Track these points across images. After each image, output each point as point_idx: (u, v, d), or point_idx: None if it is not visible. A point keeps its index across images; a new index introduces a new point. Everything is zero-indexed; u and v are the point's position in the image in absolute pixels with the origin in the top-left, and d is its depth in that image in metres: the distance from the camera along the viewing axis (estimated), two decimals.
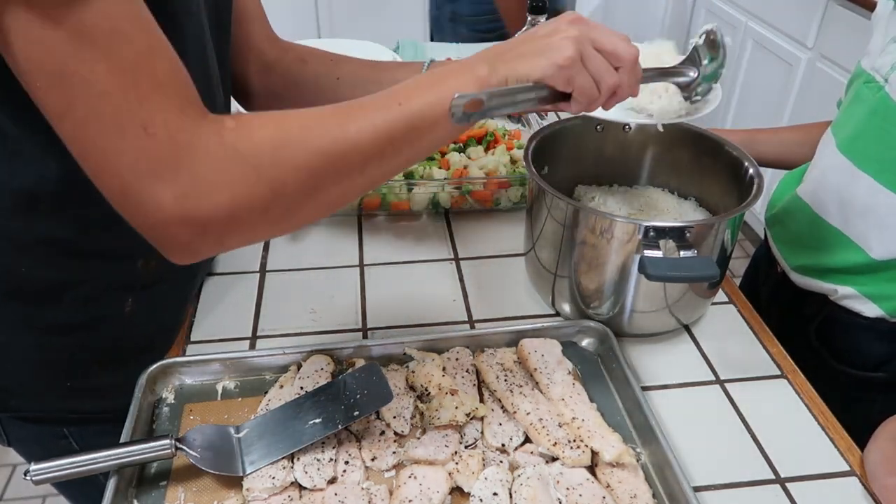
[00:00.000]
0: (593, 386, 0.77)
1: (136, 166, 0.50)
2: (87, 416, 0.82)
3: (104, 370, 0.80)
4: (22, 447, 0.88)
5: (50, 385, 0.80)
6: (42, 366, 0.78)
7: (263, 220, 0.55)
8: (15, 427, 0.85)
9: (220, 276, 0.96)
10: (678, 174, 0.97)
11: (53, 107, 0.50)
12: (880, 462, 0.68)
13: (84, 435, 0.84)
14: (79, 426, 0.83)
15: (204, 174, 0.51)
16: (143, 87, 0.49)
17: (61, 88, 0.49)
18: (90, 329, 0.77)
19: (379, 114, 0.56)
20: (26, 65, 0.49)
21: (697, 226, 0.76)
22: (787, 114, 2.48)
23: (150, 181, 0.50)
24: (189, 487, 0.66)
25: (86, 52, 0.48)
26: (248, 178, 0.52)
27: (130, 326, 0.80)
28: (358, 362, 0.78)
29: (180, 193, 0.51)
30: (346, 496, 0.64)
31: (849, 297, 0.90)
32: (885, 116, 0.81)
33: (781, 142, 1.08)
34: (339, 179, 0.56)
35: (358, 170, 0.57)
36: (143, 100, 0.50)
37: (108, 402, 0.78)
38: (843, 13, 2.17)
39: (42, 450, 0.86)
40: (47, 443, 0.85)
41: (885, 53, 0.84)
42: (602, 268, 0.79)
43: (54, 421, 0.83)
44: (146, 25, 0.51)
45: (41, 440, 0.85)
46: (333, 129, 0.55)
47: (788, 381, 0.81)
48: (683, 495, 0.63)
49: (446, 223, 1.08)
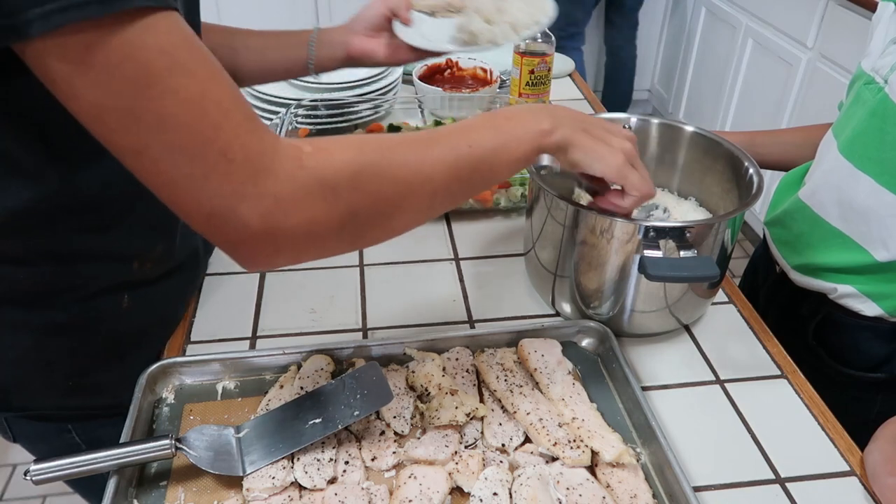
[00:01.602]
0: (593, 386, 0.77)
1: (221, 191, 0.52)
2: (89, 411, 0.83)
3: (104, 366, 0.81)
4: (27, 443, 0.89)
5: (51, 384, 0.81)
6: (42, 365, 0.79)
7: (337, 239, 0.59)
8: (19, 425, 0.86)
9: (220, 275, 0.96)
10: (678, 174, 0.97)
11: (128, 146, 0.51)
12: (881, 462, 0.68)
13: (88, 430, 0.85)
14: (82, 422, 0.84)
15: (286, 195, 0.54)
16: (213, 115, 0.51)
17: (134, 128, 0.50)
18: (88, 327, 0.78)
19: (451, 153, 0.61)
20: (93, 109, 0.50)
21: (697, 226, 0.76)
22: (787, 114, 2.48)
23: (236, 203, 0.52)
24: (189, 487, 0.66)
25: (152, 91, 0.49)
26: (328, 200, 0.55)
27: (128, 322, 0.80)
28: (358, 362, 0.78)
29: (265, 212, 0.53)
30: (346, 496, 0.64)
31: (848, 295, 0.90)
32: (885, 117, 0.81)
33: (781, 143, 1.08)
34: (410, 207, 0.61)
35: (427, 201, 0.62)
36: (217, 128, 0.51)
37: (109, 398, 0.80)
38: (843, 13, 2.18)
39: (47, 446, 0.87)
40: (52, 439, 0.86)
41: (885, 55, 0.84)
42: (602, 268, 0.79)
43: (58, 418, 0.84)
44: (201, 54, 0.52)
45: (46, 437, 0.86)
46: (411, 160, 0.60)
47: (788, 381, 0.81)
48: (683, 495, 0.63)
49: (446, 223, 1.08)
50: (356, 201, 0.57)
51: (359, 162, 0.57)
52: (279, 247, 0.56)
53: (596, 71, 3.61)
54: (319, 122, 1.25)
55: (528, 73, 1.31)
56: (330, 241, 0.58)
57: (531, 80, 1.32)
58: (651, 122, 0.95)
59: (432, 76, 1.44)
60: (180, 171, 0.51)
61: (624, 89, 3.42)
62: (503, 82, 1.44)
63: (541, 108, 0.70)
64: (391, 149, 0.60)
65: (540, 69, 1.31)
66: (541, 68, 1.31)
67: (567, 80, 1.61)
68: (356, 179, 0.57)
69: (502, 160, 0.64)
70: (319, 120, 1.25)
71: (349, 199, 0.56)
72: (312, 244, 0.58)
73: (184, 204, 0.53)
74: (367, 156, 0.58)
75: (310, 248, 0.58)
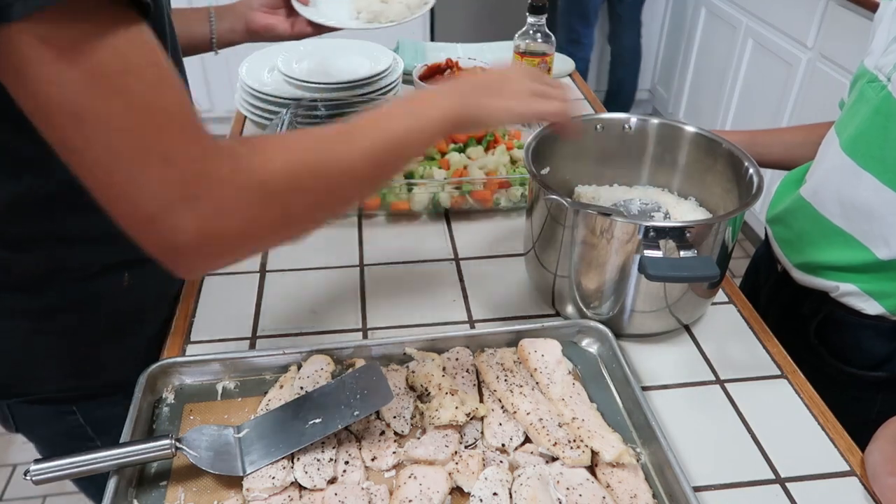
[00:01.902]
0: (593, 386, 0.77)
1: (160, 196, 0.52)
2: (92, 391, 0.85)
3: (107, 343, 0.83)
4: (28, 430, 0.90)
5: (55, 364, 0.82)
6: (45, 346, 0.80)
7: (273, 236, 0.61)
8: (22, 410, 0.87)
9: (220, 276, 0.96)
10: (678, 174, 0.97)
11: (70, 143, 0.51)
12: (881, 462, 0.68)
13: (91, 409, 0.86)
14: (86, 401, 0.86)
15: (223, 199, 0.54)
16: (158, 120, 0.52)
17: (78, 126, 0.50)
18: (89, 307, 0.79)
19: (373, 144, 0.64)
20: (42, 104, 0.50)
21: (697, 226, 0.76)
22: (788, 114, 2.48)
23: (173, 209, 0.52)
24: (189, 487, 0.66)
25: (101, 90, 0.49)
26: (263, 202, 0.56)
27: (129, 299, 0.82)
28: (358, 362, 0.78)
29: (202, 218, 0.53)
30: (346, 496, 0.64)
31: (850, 294, 0.90)
32: (888, 115, 0.81)
33: (782, 143, 1.08)
34: (339, 199, 0.65)
35: (355, 191, 0.67)
36: (161, 132, 0.52)
37: (112, 375, 0.82)
38: (843, 13, 2.17)
39: (48, 430, 0.89)
40: (54, 422, 0.87)
41: (888, 53, 0.84)
42: (602, 268, 0.79)
43: (60, 400, 0.85)
44: (154, 57, 0.52)
45: (48, 420, 0.87)
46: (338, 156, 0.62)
47: (788, 381, 0.81)
48: (683, 495, 0.63)
49: (446, 223, 1.08)
50: (290, 200, 0.59)
51: (292, 162, 0.59)
52: (215, 251, 0.56)
53: (598, 71, 3.61)
54: (319, 122, 1.25)
55: None
56: (265, 240, 0.61)
57: None
58: (651, 122, 0.95)
59: (432, 76, 1.44)
60: (121, 173, 0.51)
61: (627, 89, 3.42)
62: None
63: (446, 87, 0.74)
64: (319, 147, 0.62)
65: (540, 69, 1.31)
66: (541, 68, 1.31)
67: (567, 80, 1.61)
68: (290, 180, 0.58)
69: (416, 141, 0.68)
70: (319, 120, 1.25)
71: (284, 198, 0.58)
72: (248, 245, 0.59)
73: (121, 206, 0.53)
74: (299, 155, 0.60)
75: (245, 249, 0.59)
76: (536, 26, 1.29)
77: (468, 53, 1.61)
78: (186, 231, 0.53)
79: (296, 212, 0.60)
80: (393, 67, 1.37)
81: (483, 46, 1.69)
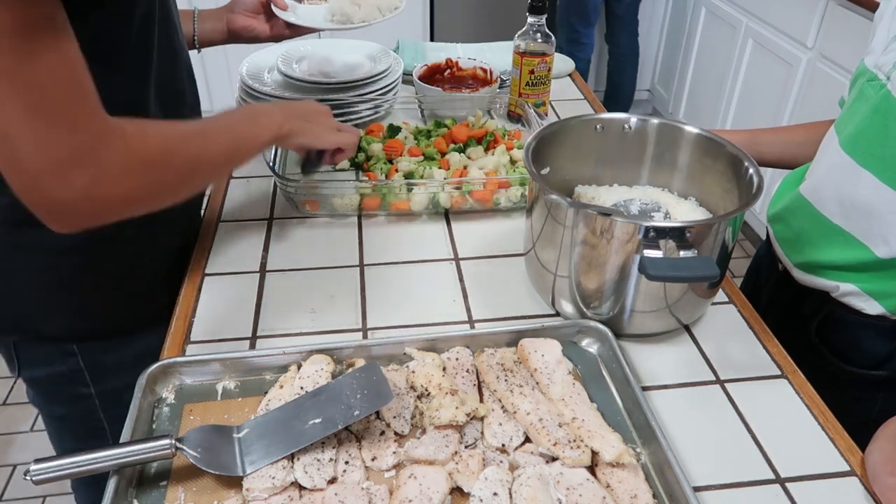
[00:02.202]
0: (593, 386, 0.77)
1: (60, 154, 0.62)
2: (94, 332, 0.94)
3: (109, 288, 0.93)
4: (30, 373, 0.98)
5: (61, 304, 0.91)
6: (54, 286, 0.90)
7: (146, 202, 0.72)
8: (25, 350, 0.96)
9: (220, 276, 0.96)
10: (678, 174, 0.97)
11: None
12: (881, 462, 0.68)
13: (91, 352, 0.95)
14: (86, 342, 0.94)
15: (111, 166, 0.65)
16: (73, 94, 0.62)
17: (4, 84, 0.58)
18: (94, 250, 0.88)
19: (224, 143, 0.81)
20: None
21: (697, 226, 0.76)
22: (788, 114, 2.48)
23: (69, 168, 0.62)
24: (189, 487, 0.66)
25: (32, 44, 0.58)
26: (143, 172, 0.69)
27: (132, 248, 0.92)
28: (358, 362, 0.78)
29: (92, 181, 0.64)
30: (346, 496, 0.64)
31: (850, 294, 0.90)
32: (887, 114, 0.81)
33: (782, 142, 1.08)
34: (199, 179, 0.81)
35: (211, 174, 0.85)
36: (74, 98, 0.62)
37: (113, 318, 0.95)
38: (843, 13, 2.18)
39: (49, 372, 0.96)
40: (56, 363, 0.95)
41: (887, 51, 0.84)
42: (602, 268, 0.79)
43: (65, 338, 0.94)
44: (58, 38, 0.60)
45: (50, 360, 0.95)
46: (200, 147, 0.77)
47: (788, 381, 0.81)
48: (683, 495, 0.63)
49: (446, 223, 1.08)
50: (164, 175, 0.72)
51: (167, 145, 0.72)
52: (97, 210, 0.67)
53: (596, 71, 3.61)
54: None
55: (528, 73, 1.31)
56: (140, 204, 0.71)
57: (531, 80, 1.32)
58: (651, 122, 0.95)
59: (432, 76, 1.44)
60: (30, 126, 0.60)
61: (626, 89, 3.42)
62: (503, 82, 1.44)
63: (277, 107, 0.95)
64: (187, 137, 0.76)
65: (540, 69, 1.31)
66: (541, 68, 1.31)
67: (567, 80, 1.61)
68: (165, 159, 0.72)
69: (253, 146, 0.86)
70: None
71: (159, 173, 0.71)
72: (126, 207, 0.70)
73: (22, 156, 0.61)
74: (172, 141, 0.73)
75: (122, 213, 0.70)
76: (536, 26, 1.29)
77: (468, 53, 1.61)
78: (75, 189, 0.63)
79: (167, 184, 0.73)
80: (393, 67, 1.37)
81: (483, 46, 1.69)
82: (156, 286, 0.98)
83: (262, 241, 1.03)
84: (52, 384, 0.99)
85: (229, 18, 1.17)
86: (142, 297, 0.97)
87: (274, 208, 1.11)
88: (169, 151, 0.72)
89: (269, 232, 1.05)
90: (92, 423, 1.01)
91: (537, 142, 0.88)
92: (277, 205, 1.12)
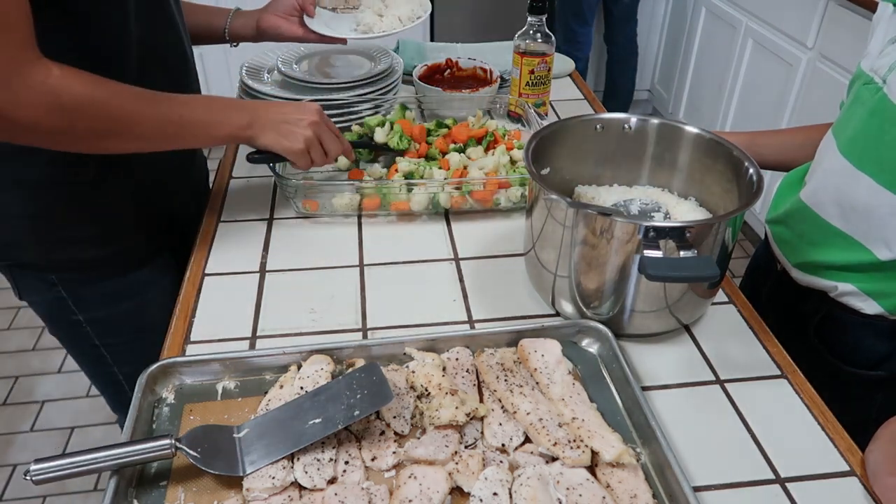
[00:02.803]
0: (593, 386, 0.77)
1: None
2: (70, 265, 1.01)
3: (77, 224, 0.98)
4: (29, 298, 1.06)
5: (39, 236, 0.98)
6: (32, 219, 0.96)
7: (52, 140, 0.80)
8: (20, 276, 1.04)
9: (220, 276, 0.96)
10: (678, 174, 0.97)
11: None
12: (881, 462, 0.68)
13: (69, 282, 1.02)
14: (65, 273, 1.01)
15: (26, 95, 0.73)
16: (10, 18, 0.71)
17: None
18: (63, 187, 0.94)
19: (163, 116, 0.84)
20: None
21: (697, 226, 0.76)
22: (788, 114, 2.48)
23: None
24: (189, 487, 0.66)
25: None
26: (54, 113, 0.75)
27: (98, 188, 0.96)
28: (358, 362, 0.78)
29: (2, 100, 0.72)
30: (346, 496, 0.64)
31: (849, 293, 0.90)
32: (883, 117, 0.81)
33: (782, 144, 1.08)
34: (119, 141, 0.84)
35: (134, 141, 0.85)
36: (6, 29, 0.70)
37: (85, 253, 1.00)
38: (843, 13, 2.18)
39: (42, 299, 1.05)
40: (45, 291, 1.02)
41: (883, 55, 0.84)
42: (602, 268, 0.79)
43: (45, 269, 1.01)
44: None
45: (39, 288, 1.03)
46: (129, 110, 0.81)
47: (788, 381, 0.81)
48: (683, 495, 0.63)
49: (446, 223, 1.08)
50: (75, 122, 0.77)
51: (90, 96, 0.77)
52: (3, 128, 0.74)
53: (596, 71, 3.61)
54: None
55: (528, 73, 1.31)
56: (46, 139, 0.79)
57: (531, 79, 1.32)
58: (651, 122, 0.95)
59: (432, 76, 1.44)
60: None
61: (626, 89, 3.42)
62: (503, 82, 1.44)
63: (247, 107, 0.94)
64: (118, 95, 0.80)
65: (540, 69, 1.31)
66: (541, 68, 1.31)
67: (567, 80, 1.61)
68: (82, 107, 0.76)
69: (202, 134, 0.89)
70: None
71: (71, 118, 0.76)
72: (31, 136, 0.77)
73: None
74: (98, 93, 0.78)
75: (30, 140, 0.78)
76: (536, 26, 1.29)
77: (468, 53, 1.61)
78: None
79: (77, 131, 0.78)
80: (393, 67, 1.37)
81: (483, 46, 1.69)
82: (128, 228, 1.02)
83: (262, 241, 1.03)
84: (48, 309, 1.07)
85: (260, 17, 1.22)
86: (111, 238, 1.01)
87: (274, 208, 1.11)
88: (90, 103, 0.76)
89: (269, 232, 1.05)
90: (91, 350, 1.09)
91: (537, 142, 0.88)
92: (277, 205, 1.12)
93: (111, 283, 1.03)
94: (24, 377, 2.22)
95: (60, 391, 2.16)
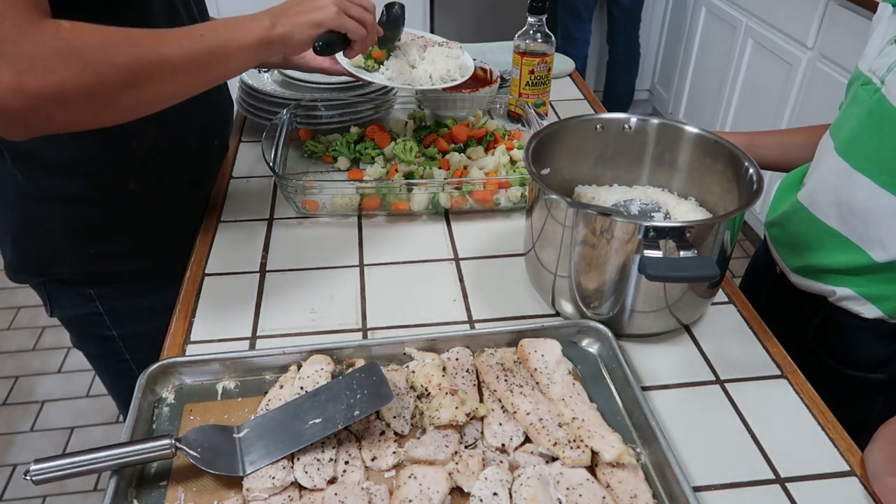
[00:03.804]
0: (593, 386, 0.77)
1: None
2: (107, 278, 1.01)
3: (117, 237, 0.98)
4: (61, 313, 1.06)
5: (76, 251, 0.97)
6: (69, 234, 0.96)
7: (87, 104, 0.68)
8: (55, 291, 1.03)
9: (220, 276, 0.96)
10: (678, 174, 0.97)
11: None
12: (881, 462, 0.68)
13: (106, 297, 1.02)
14: (101, 287, 1.01)
15: (40, 59, 0.64)
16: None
17: None
18: (102, 202, 0.94)
19: (185, 39, 0.75)
20: None
21: (697, 226, 0.76)
22: (788, 114, 2.48)
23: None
24: (189, 487, 0.66)
25: None
26: (77, 66, 0.66)
27: (135, 201, 0.96)
28: (358, 362, 0.78)
29: (18, 71, 0.63)
30: (346, 496, 0.64)
31: (847, 298, 0.90)
32: (881, 118, 0.81)
33: (781, 145, 1.08)
34: (151, 82, 0.73)
35: (168, 77, 0.75)
36: None
37: (122, 265, 1.00)
38: (843, 13, 2.18)
39: (76, 314, 1.04)
40: (79, 306, 1.02)
41: (882, 55, 0.84)
42: (602, 268, 0.79)
43: (83, 283, 1.00)
44: None
45: (75, 303, 1.02)
46: (149, 42, 0.73)
47: (788, 381, 0.81)
48: (683, 495, 0.63)
49: (446, 223, 1.08)
50: (103, 70, 0.68)
51: (107, 40, 0.69)
52: (30, 104, 0.64)
53: (596, 71, 3.61)
54: (319, 122, 1.25)
55: (528, 73, 1.31)
56: (80, 105, 0.68)
57: (531, 79, 1.32)
58: (651, 122, 0.95)
59: None
60: None
61: (626, 89, 3.42)
62: (503, 82, 1.44)
63: (262, 12, 0.85)
64: (135, 34, 0.72)
65: (540, 69, 1.31)
66: (541, 68, 1.31)
67: (567, 80, 1.61)
68: (103, 50, 0.68)
69: (233, 50, 0.79)
70: (319, 119, 1.25)
71: (95, 69, 0.67)
72: (63, 107, 0.67)
73: None
74: (115, 36, 0.70)
75: (60, 111, 0.67)
76: (536, 26, 1.29)
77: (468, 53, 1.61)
78: (2, 80, 0.62)
79: (109, 83, 0.68)
80: None
81: (483, 46, 1.69)
82: (164, 240, 1.02)
83: (262, 241, 1.03)
84: (81, 325, 1.06)
85: None
86: (151, 250, 1.02)
87: (274, 208, 1.11)
88: (110, 46, 0.69)
89: (269, 232, 1.05)
90: (121, 364, 1.08)
91: (537, 142, 0.88)
92: (277, 205, 1.12)
93: (151, 297, 1.03)
94: (24, 377, 2.22)
95: (60, 391, 2.16)
